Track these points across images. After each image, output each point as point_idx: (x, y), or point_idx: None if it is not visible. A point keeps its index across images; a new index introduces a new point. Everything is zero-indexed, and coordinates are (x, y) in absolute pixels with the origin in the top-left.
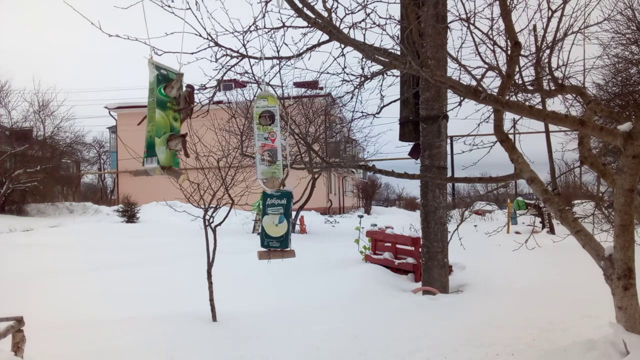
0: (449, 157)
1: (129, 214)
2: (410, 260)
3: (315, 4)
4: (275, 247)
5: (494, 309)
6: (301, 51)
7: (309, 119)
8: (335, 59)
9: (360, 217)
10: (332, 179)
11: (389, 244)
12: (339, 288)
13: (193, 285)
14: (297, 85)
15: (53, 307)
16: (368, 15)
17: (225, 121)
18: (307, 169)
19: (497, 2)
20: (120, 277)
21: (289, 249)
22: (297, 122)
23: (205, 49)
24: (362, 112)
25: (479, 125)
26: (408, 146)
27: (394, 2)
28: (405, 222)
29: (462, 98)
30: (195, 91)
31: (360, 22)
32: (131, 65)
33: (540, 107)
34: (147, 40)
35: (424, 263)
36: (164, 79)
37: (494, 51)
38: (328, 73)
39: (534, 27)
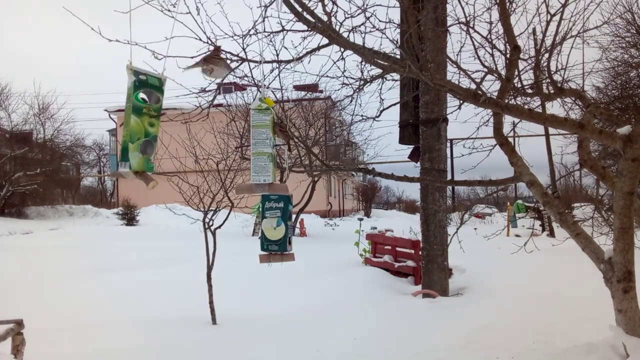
0: (448, 160)
1: (129, 217)
2: (410, 263)
3: (315, 7)
4: (274, 250)
5: (493, 312)
6: (301, 55)
7: (308, 122)
8: (334, 62)
9: (360, 220)
10: (332, 182)
11: (389, 247)
12: (338, 291)
13: (193, 288)
14: (297, 88)
15: (53, 310)
16: (368, 19)
17: (225, 124)
18: (307, 172)
19: (496, 6)
20: (120, 280)
21: (288, 252)
22: (297, 125)
23: (205, 52)
24: (361, 115)
25: (478, 128)
26: (408, 149)
27: (394, 6)
28: (405, 225)
29: (461, 101)
30: (195, 95)
31: (359, 26)
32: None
33: (540, 110)
34: (134, 43)
35: (424, 266)
36: (142, 84)
37: (492, 55)
38: (328, 77)
39: (533, 30)
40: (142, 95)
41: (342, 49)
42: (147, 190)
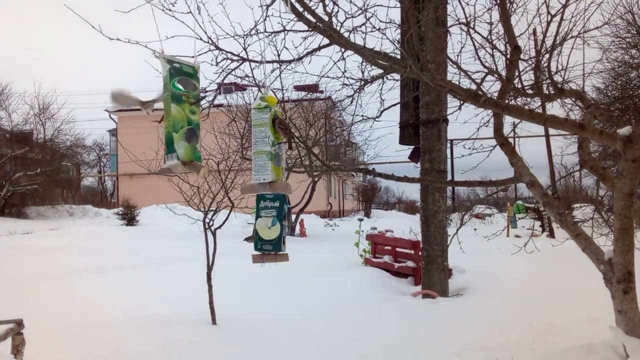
0: (448, 160)
1: (129, 217)
2: (410, 263)
3: (316, 7)
4: (269, 250)
5: (493, 312)
6: (301, 55)
7: (309, 122)
8: (335, 63)
9: (360, 220)
10: (332, 182)
11: (389, 248)
12: (338, 291)
13: (193, 288)
14: (298, 88)
15: (53, 310)
16: (368, 19)
17: (225, 124)
18: (307, 172)
19: (497, 7)
20: (120, 280)
21: (282, 252)
22: (297, 126)
23: (205, 52)
24: (362, 115)
25: (478, 129)
26: (408, 150)
27: (394, 7)
28: (405, 226)
29: (462, 102)
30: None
31: (360, 26)
32: (131, 69)
33: (540, 111)
34: (134, 42)
35: (424, 266)
36: (177, 72)
37: (493, 55)
38: (328, 77)
39: (534, 31)
40: (178, 83)
41: (343, 50)
42: (148, 191)
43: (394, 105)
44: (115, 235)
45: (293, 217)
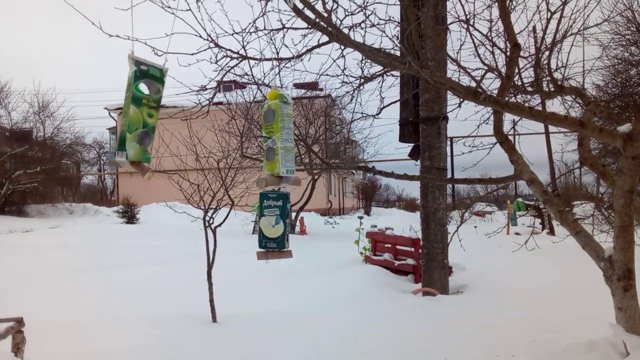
0: (448, 158)
1: (129, 215)
2: (410, 261)
3: (316, 3)
4: (273, 247)
5: (494, 310)
6: (301, 52)
7: (308, 120)
8: (334, 60)
9: (360, 218)
10: (332, 180)
11: (389, 245)
12: (338, 289)
13: (193, 286)
14: (297, 86)
15: (53, 308)
16: (367, 17)
17: (225, 122)
18: (307, 170)
19: (497, 4)
20: (120, 278)
21: (286, 249)
22: (297, 124)
23: (205, 50)
24: (362, 113)
25: (478, 126)
26: (408, 147)
27: (394, 4)
28: (405, 223)
29: (461, 99)
30: (195, 92)
31: (360, 24)
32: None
33: (540, 108)
34: (134, 39)
35: (424, 264)
36: (143, 74)
37: (493, 53)
38: (328, 75)
39: (533, 28)
40: (142, 85)
41: (342, 47)
42: (148, 189)
43: (394, 102)
44: (116, 233)
45: (293, 215)
